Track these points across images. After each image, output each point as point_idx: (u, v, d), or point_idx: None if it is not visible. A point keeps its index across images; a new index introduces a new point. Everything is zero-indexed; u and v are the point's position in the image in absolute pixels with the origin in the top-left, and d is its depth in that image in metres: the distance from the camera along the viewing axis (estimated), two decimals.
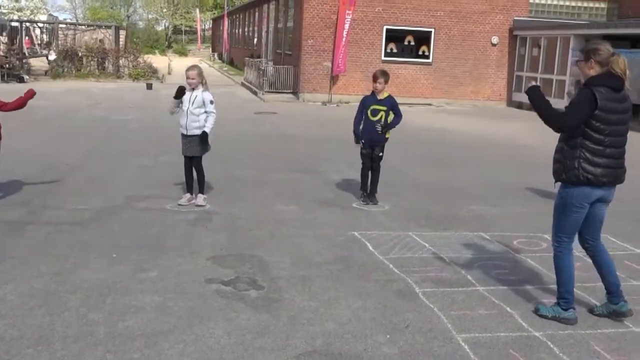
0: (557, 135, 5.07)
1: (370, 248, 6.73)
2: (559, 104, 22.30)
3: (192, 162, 8.15)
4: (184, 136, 8.04)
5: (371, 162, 8.64)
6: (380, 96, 8.41)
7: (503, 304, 5.35)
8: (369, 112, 8.41)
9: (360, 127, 8.55)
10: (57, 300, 5.04)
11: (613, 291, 5.15)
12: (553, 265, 6.30)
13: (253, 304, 5.12)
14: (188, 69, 8.03)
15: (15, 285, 5.29)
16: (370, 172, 8.71)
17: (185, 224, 7.34)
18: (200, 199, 8.19)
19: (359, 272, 5.99)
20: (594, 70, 4.87)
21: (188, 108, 7.90)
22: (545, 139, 9.45)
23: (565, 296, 5.05)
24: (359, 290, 5.53)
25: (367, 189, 8.71)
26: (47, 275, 5.54)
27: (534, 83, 5.07)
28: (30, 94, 8.05)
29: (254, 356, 4.27)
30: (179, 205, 8.00)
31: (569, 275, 5.08)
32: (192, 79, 7.89)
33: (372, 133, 8.47)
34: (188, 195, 8.17)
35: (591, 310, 5.30)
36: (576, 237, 5.20)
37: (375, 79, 8.34)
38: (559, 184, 5.11)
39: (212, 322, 4.75)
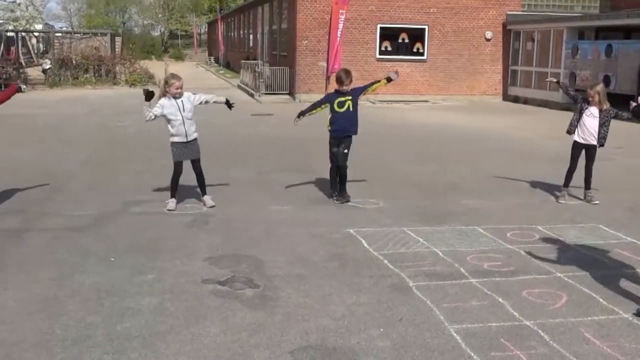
0: (551, 127, 5.18)
1: (365, 245, 6.81)
2: (554, 96, 22.43)
3: (193, 166, 8.24)
4: (184, 144, 8.10)
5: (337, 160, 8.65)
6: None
7: (495, 294, 5.43)
8: (335, 105, 8.47)
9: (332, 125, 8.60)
10: (56, 304, 5.12)
11: None
12: (544, 256, 6.44)
13: (249, 303, 5.20)
14: (173, 79, 7.94)
15: (14, 291, 5.37)
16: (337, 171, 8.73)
17: (181, 227, 7.42)
18: (209, 199, 8.32)
19: (353, 268, 6.07)
20: None
21: (182, 116, 7.99)
22: (538, 132, 9.55)
23: None
24: (354, 286, 5.61)
25: (336, 188, 8.75)
26: (45, 281, 5.62)
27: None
28: (13, 88, 8.20)
29: (250, 353, 4.35)
30: (169, 210, 8.06)
31: None
32: (178, 89, 7.95)
33: (341, 123, 8.50)
34: (175, 199, 8.25)
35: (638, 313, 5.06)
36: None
37: (343, 81, 8.35)
38: None
39: (208, 321, 4.84)
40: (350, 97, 8.45)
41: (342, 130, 8.53)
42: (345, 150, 8.59)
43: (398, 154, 12.59)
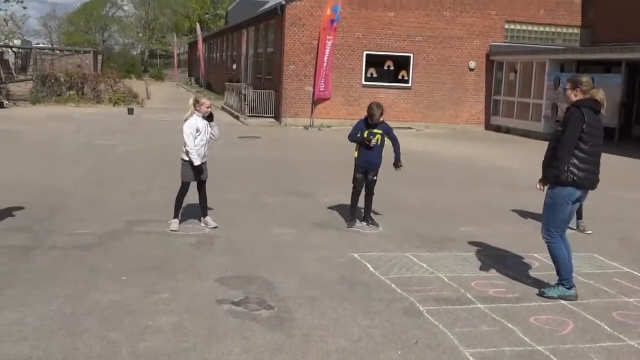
0: (535, 156, 5.71)
1: (371, 269, 6.95)
2: (536, 127, 22.86)
3: (199, 186, 8.39)
4: (199, 165, 8.23)
5: (365, 187, 8.87)
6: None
7: (504, 320, 5.59)
8: (364, 136, 8.64)
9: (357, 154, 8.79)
10: (75, 321, 5.18)
11: (569, 276, 6.17)
12: (546, 284, 6.61)
13: (266, 323, 5.30)
14: (204, 98, 8.23)
15: (31, 308, 5.42)
16: (364, 197, 8.94)
17: (187, 247, 7.51)
18: (211, 220, 8.45)
19: (363, 291, 6.20)
20: (578, 97, 6.10)
21: (207, 137, 8.24)
22: (523, 161, 9.78)
23: (566, 277, 6.12)
24: (366, 309, 5.74)
25: (355, 213, 8.93)
26: (61, 298, 5.67)
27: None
28: None
29: None
30: (172, 231, 8.15)
31: (565, 260, 6.13)
32: (209, 108, 8.22)
33: (368, 155, 8.70)
34: (178, 220, 8.34)
35: (541, 293, 6.24)
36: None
37: (373, 114, 8.49)
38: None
39: (229, 340, 4.93)
40: (380, 132, 8.62)
41: (369, 162, 8.73)
42: (374, 178, 8.85)
43: (390, 179, 12.75)
